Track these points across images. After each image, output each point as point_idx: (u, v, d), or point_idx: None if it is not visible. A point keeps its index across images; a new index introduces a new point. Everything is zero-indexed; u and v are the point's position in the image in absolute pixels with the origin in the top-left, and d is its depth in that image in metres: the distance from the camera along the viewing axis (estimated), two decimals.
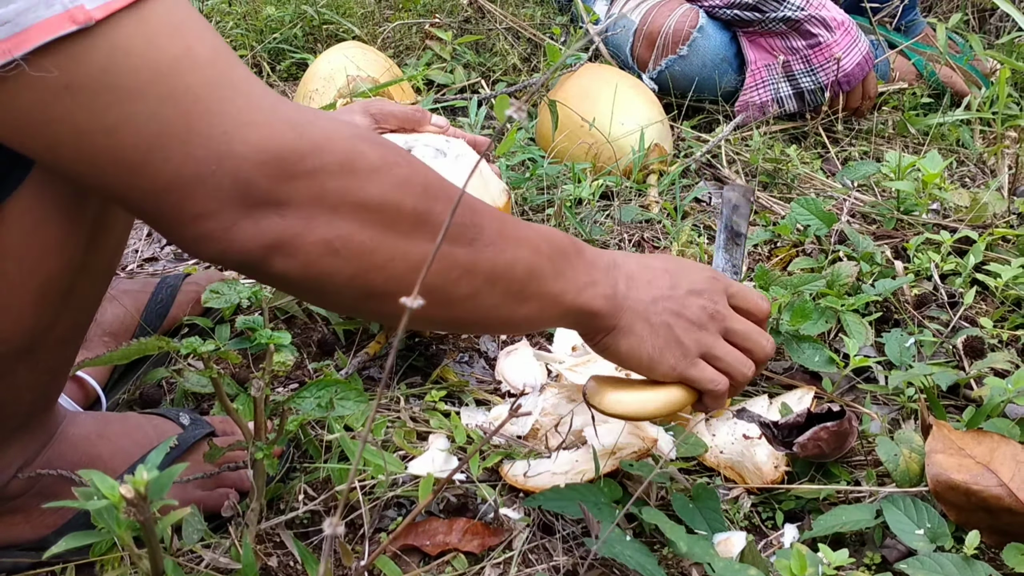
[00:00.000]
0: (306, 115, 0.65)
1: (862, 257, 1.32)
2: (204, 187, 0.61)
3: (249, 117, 0.62)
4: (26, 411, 0.88)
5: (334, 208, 0.65)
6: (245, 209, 0.63)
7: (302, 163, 0.64)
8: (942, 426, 0.94)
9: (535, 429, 1.06)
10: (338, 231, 0.66)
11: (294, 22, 2.10)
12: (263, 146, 0.62)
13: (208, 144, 0.61)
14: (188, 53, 0.60)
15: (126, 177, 0.61)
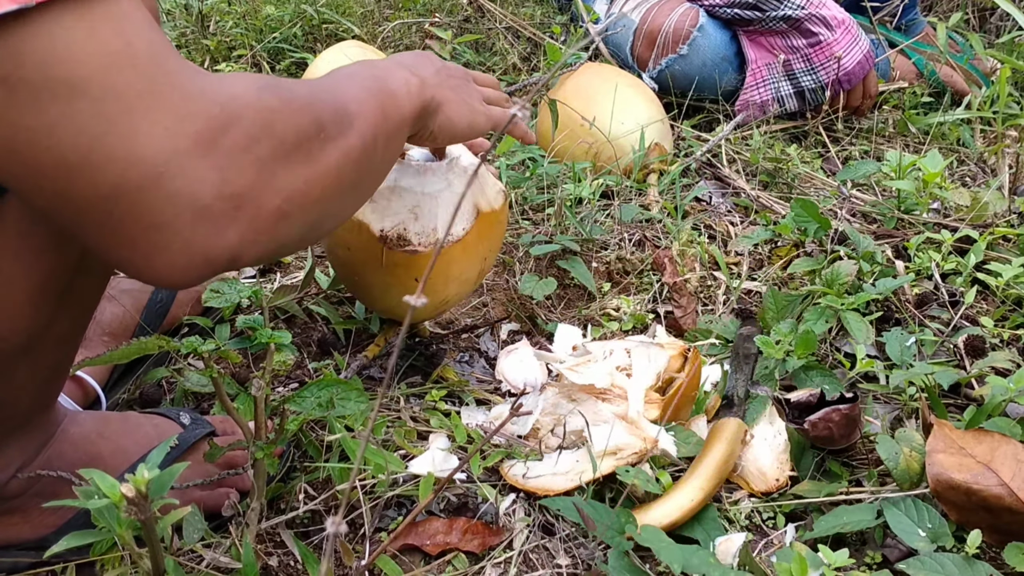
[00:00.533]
0: (227, 89, 0.64)
1: (862, 256, 1.32)
2: (155, 191, 0.59)
3: (187, 108, 0.60)
4: (25, 410, 0.87)
5: (271, 169, 0.65)
6: (199, 213, 0.61)
7: (239, 145, 0.62)
8: (943, 425, 0.94)
9: (535, 429, 1.05)
10: (284, 194, 0.66)
11: (293, 21, 2.10)
12: (204, 136, 0.60)
13: (152, 142, 0.58)
14: (128, 47, 0.58)
15: (64, 183, 0.58)
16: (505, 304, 1.33)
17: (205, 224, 0.61)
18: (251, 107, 0.64)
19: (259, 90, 0.66)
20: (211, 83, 0.63)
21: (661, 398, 1.06)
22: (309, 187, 0.69)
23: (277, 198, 0.65)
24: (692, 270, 1.41)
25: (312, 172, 0.69)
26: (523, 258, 1.41)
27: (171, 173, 0.59)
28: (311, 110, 0.70)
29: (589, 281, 1.35)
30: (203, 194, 0.60)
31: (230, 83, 0.65)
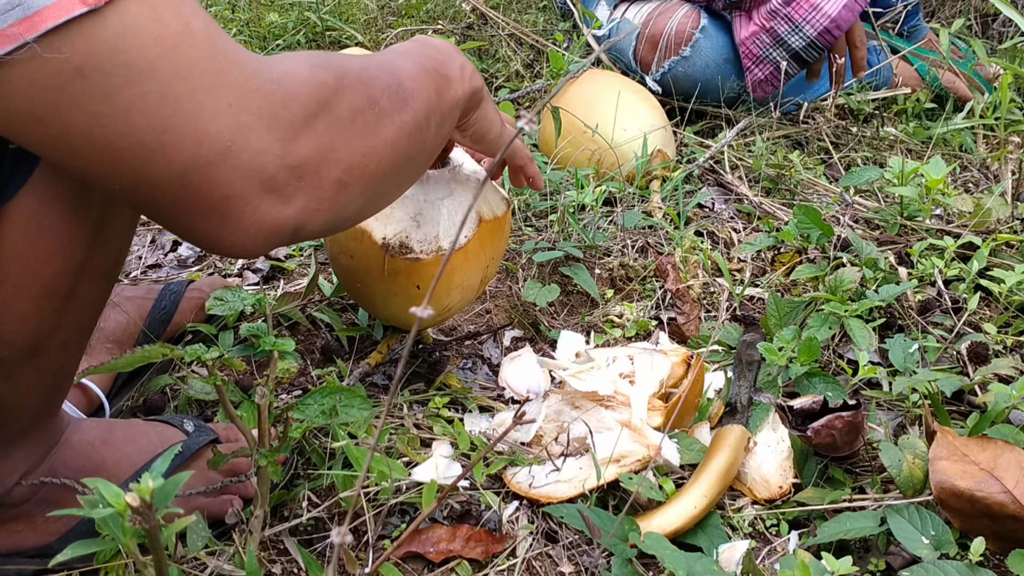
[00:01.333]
0: (280, 67, 0.66)
1: (865, 263, 1.32)
2: (224, 165, 0.61)
3: (247, 85, 0.62)
4: (30, 416, 0.88)
5: (332, 146, 0.68)
6: (265, 184, 0.63)
7: (298, 117, 0.65)
8: (946, 432, 0.94)
9: (538, 436, 1.06)
10: (342, 165, 0.69)
11: (297, 29, 2.11)
12: (266, 111, 0.63)
13: (219, 119, 0.61)
14: (187, 28, 0.60)
15: (142, 164, 0.61)
16: (508, 311, 1.34)
17: (271, 194, 0.64)
18: (306, 84, 0.66)
19: (312, 68, 0.68)
20: (266, 61, 0.65)
21: (664, 405, 1.06)
22: (367, 159, 0.71)
23: (337, 169, 0.68)
24: (695, 276, 1.41)
25: (369, 145, 0.72)
26: (526, 265, 1.41)
27: (237, 147, 0.61)
28: (364, 86, 0.72)
29: (592, 288, 1.36)
30: (268, 165, 0.63)
31: (283, 61, 0.67)
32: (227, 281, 1.34)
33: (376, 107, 0.73)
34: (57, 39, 0.56)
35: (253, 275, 1.41)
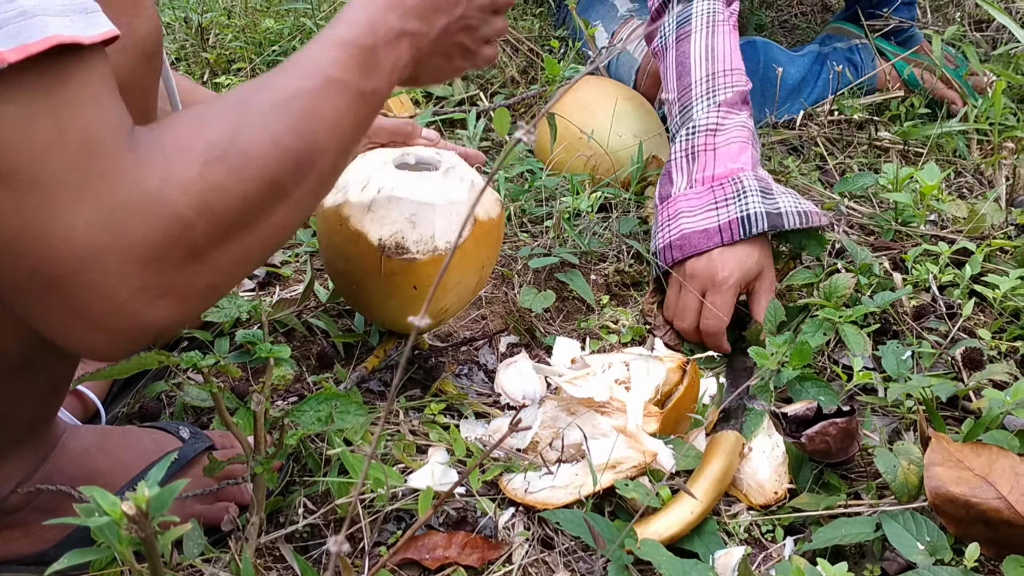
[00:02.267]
0: (163, 168, 0.61)
1: (860, 269, 1.32)
2: (74, 283, 0.59)
3: (113, 200, 0.59)
4: (25, 424, 0.88)
5: (205, 254, 0.64)
6: (121, 303, 0.61)
7: (170, 237, 0.61)
8: (941, 438, 0.94)
9: (534, 442, 1.06)
10: (216, 268, 0.66)
11: (293, 35, 2.11)
12: (130, 231, 0.59)
13: (72, 237, 0.58)
14: (61, 136, 0.57)
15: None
16: (504, 317, 1.34)
17: (127, 312, 0.61)
18: (189, 190, 0.62)
19: (203, 166, 0.63)
20: (146, 159, 0.61)
21: (660, 411, 1.06)
22: (248, 253, 0.68)
23: (207, 277, 0.65)
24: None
25: (254, 239, 0.68)
26: (522, 271, 1.41)
27: (90, 268, 0.59)
28: (268, 172, 0.67)
29: (588, 294, 1.36)
30: (123, 288, 0.60)
31: (171, 154, 0.62)
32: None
33: (275, 191, 0.68)
34: None
35: (249, 281, 1.40)
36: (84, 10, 0.58)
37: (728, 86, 1.39)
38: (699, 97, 1.39)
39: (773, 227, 1.27)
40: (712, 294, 1.27)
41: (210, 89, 1.96)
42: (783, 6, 2.51)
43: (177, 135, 0.64)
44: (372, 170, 1.09)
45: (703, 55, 1.42)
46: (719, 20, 1.44)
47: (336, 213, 1.06)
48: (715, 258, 1.28)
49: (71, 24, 0.57)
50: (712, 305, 1.27)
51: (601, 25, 1.99)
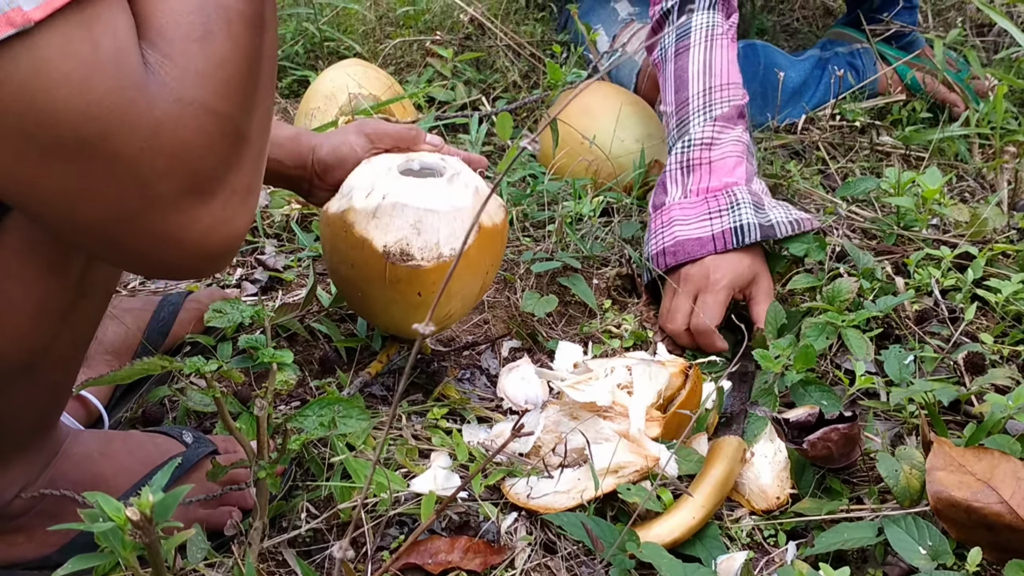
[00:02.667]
0: (179, 65, 0.62)
1: (862, 273, 1.32)
2: (150, 215, 0.61)
3: (153, 116, 0.60)
4: (28, 429, 0.88)
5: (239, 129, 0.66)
6: (193, 196, 0.63)
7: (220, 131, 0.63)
8: (943, 443, 0.94)
9: (537, 446, 1.06)
10: (257, 137, 0.67)
11: (295, 39, 2.11)
12: (178, 148, 0.61)
13: (135, 168, 0.60)
14: (96, 52, 0.58)
15: (68, 210, 0.61)
16: (506, 321, 1.34)
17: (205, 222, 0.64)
18: (207, 81, 0.63)
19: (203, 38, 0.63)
20: (164, 66, 0.62)
21: (662, 416, 1.06)
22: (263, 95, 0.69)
23: (252, 151, 0.67)
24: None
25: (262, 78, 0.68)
26: (524, 275, 1.41)
27: (156, 196, 0.61)
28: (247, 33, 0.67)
29: (590, 298, 1.36)
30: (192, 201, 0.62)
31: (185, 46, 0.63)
32: (226, 292, 1.35)
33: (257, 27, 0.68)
34: None
35: (251, 286, 1.41)
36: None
37: (724, 100, 1.40)
38: (696, 111, 1.41)
39: (766, 237, 1.30)
40: (704, 294, 1.30)
41: None
42: (785, 10, 2.51)
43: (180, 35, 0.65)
44: (377, 176, 1.09)
45: (701, 69, 1.43)
46: (718, 34, 1.45)
47: (341, 219, 1.06)
48: (708, 263, 1.31)
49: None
50: (704, 304, 1.28)
51: (602, 29, 1.99)
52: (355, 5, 2.17)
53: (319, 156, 1.17)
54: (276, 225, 1.54)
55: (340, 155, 1.16)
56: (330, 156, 1.16)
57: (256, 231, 1.49)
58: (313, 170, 1.17)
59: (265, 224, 1.51)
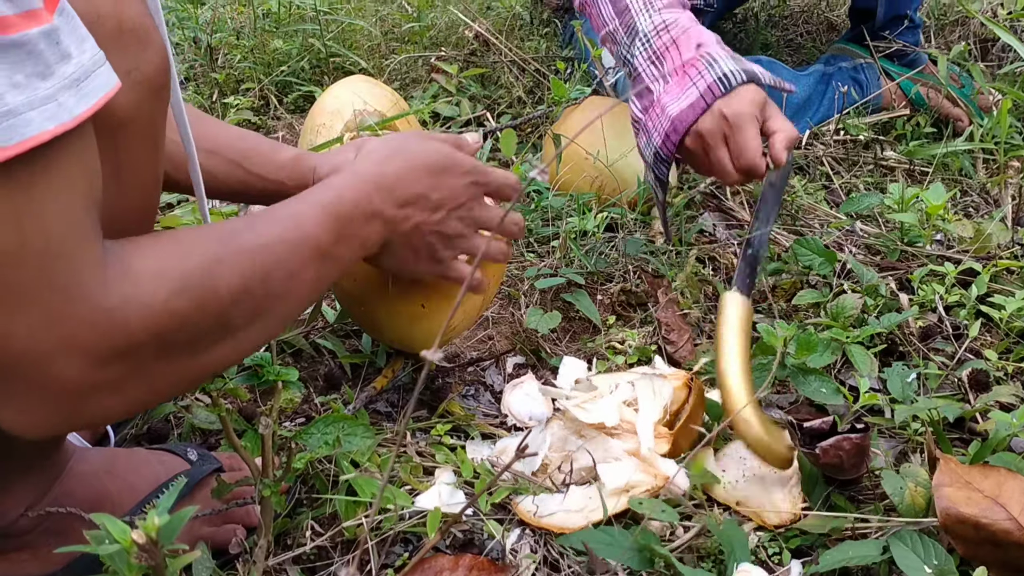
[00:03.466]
0: (128, 290, 0.64)
1: (866, 290, 1.33)
2: (3, 375, 0.61)
3: (62, 312, 0.61)
4: (36, 447, 0.88)
5: (145, 369, 0.67)
6: (47, 397, 0.63)
7: (115, 350, 0.64)
8: (949, 460, 0.94)
9: (544, 464, 1.06)
10: (151, 385, 0.68)
11: (301, 55, 2.12)
12: (77, 339, 0.62)
13: (9, 340, 0.60)
14: (21, 248, 0.58)
15: None
16: (510, 337, 1.34)
17: (58, 405, 0.64)
18: (147, 313, 0.65)
19: (171, 294, 0.66)
20: (111, 280, 0.63)
21: (670, 432, 1.06)
22: (182, 377, 0.71)
23: (140, 388, 0.68)
24: (696, 301, 1.41)
25: (193, 365, 0.71)
26: (528, 291, 1.41)
27: (27, 367, 0.61)
28: (227, 310, 0.71)
29: (594, 314, 1.36)
30: (57, 384, 0.62)
31: (139, 279, 0.65)
32: None
33: (225, 330, 0.72)
34: None
35: None
36: (76, 82, 0.59)
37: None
38: (638, 12, 1.39)
39: (751, 79, 1.30)
40: (733, 136, 1.29)
41: (218, 108, 1.98)
42: (788, 25, 2.52)
43: (155, 258, 0.67)
44: None
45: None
46: None
47: None
48: (715, 109, 1.29)
49: (56, 110, 0.57)
50: (739, 145, 1.28)
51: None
52: (361, 21, 2.18)
53: (320, 175, 1.17)
54: None
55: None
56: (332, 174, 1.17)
57: None
58: None
59: None
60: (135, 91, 0.69)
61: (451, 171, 0.97)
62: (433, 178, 0.95)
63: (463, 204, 0.98)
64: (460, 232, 0.99)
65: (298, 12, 2.25)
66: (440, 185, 0.96)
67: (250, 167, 1.13)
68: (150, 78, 0.73)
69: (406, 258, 0.97)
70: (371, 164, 0.93)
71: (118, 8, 0.69)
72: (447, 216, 0.97)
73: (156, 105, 0.76)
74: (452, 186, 0.97)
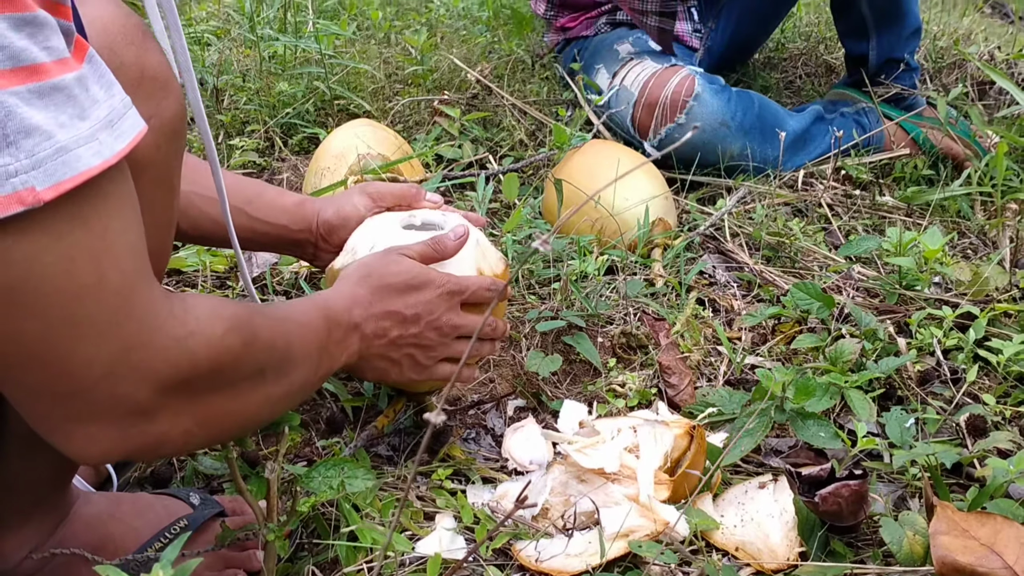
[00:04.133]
0: (191, 324, 0.69)
1: (865, 334, 1.34)
2: (78, 400, 0.64)
3: (139, 341, 0.65)
4: (42, 489, 0.89)
5: (199, 402, 0.72)
6: (114, 420, 0.66)
7: (181, 378, 0.69)
8: (946, 507, 0.95)
9: (545, 509, 1.06)
10: (198, 418, 0.73)
11: (306, 97, 2.15)
12: (148, 366, 0.66)
13: (90, 367, 0.63)
14: (100, 281, 0.62)
15: (3, 374, 0.63)
16: (511, 380, 1.35)
17: (122, 428, 0.67)
18: (209, 347, 0.71)
19: (225, 331, 0.72)
20: (178, 316, 0.68)
21: (670, 479, 1.07)
22: (225, 418, 0.76)
23: (191, 421, 0.72)
24: (696, 344, 1.42)
25: (234, 407, 0.77)
26: (530, 334, 1.42)
27: (103, 388, 0.64)
28: (263, 356, 0.78)
29: (595, 357, 1.37)
30: (125, 406, 0.66)
31: (200, 317, 0.70)
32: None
33: (260, 376, 0.78)
34: None
35: None
36: (110, 123, 0.62)
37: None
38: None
39: None
40: None
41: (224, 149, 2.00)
42: (788, 67, 2.55)
43: (205, 300, 0.74)
44: (379, 232, 1.12)
45: None
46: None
47: None
48: None
49: (99, 148, 0.60)
50: None
51: (604, 67, 2.04)
52: (365, 65, 2.21)
53: (324, 218, 1.19)
54: (285, 283, 1.56)
55: (344, 215, 1.19)
56: (335, 217, 1.19)
57: (266, 288, 1.51)
58: (319, 233, 1.19)
59: (274, 281, 1.53)
60: (155, 135, 0.72)
61: (423, 287, 1.03)
62: (405, 295, 1.01)
63: (439, 316, 1.04)
64: (438, 341, 1.05)
65: (303, 55, 2.28)
66: (414, 301, 1.02)
67: (254, 212, 1.16)
68: (169, 124, 0.76)
69: (387, 370, 1.03)
70: (348, 286, 0.99)
71: (140, 58, 0.73)
72: (424, 328, 1.03)
73: (173, 150, 0.79)
74: (426, 300, 1.03)
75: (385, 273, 1.01)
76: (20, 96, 0.55)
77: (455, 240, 1.09)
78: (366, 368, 1.01)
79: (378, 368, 1.02)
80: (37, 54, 0.56)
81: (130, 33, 0.73)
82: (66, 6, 0.59)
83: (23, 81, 0.55)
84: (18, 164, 0.55)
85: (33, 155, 0.56)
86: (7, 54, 0.55)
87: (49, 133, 0.57)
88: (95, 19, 0.70)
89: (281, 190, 1.21)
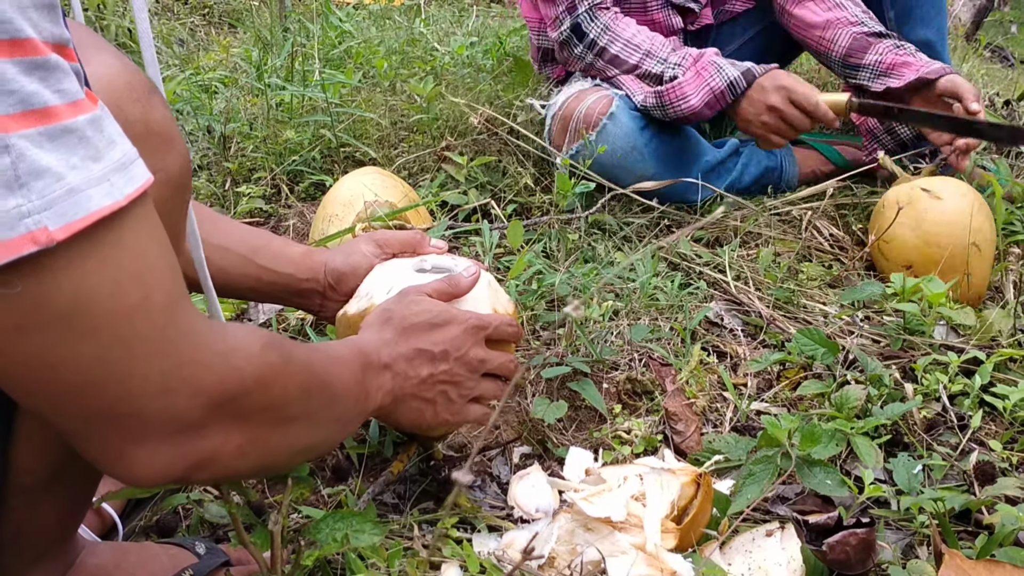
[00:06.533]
0: (231, 341, 0.71)
1: (870, 379, 1.34)
2: (134, 420, 0.65)
3: (188, 356, 0.66)
4: (48, 540, 0.89)
5: (247, 419, 0.73)
6: (168, 436, 0.67)
7: (229, 392, 0.70)
8: (954, 555, 0.94)
9: (551, 557, 1.06)
10: (248, 436, 0.73)
11: (313, 145, 2.17)
12: (199, 381, 0.67)
13: (145, 384, 0.64)
14: (146, 301, 0.63)
15: (59, 404, 0.64)
16: (516, 427, 1.35)
17: (169, 443, 0.68)
18: (252, 362, 0.72)
19: (263, 347, 0.73)
20: (218, 334, 0.70)
21: (677, 528, 1.06)
22: (269, 439, 0.76)
23: (242, 438, 0.73)
24: (702, 389, 1.42)
25: (282, 432, 0.77)
26: (535, 380, 1.43)
27: (157, 406, 0.65)
28: (304, 378, 0.79)
29: (600, 403, 1.37)
30: (181, 425, 0.67)
31: (237, 335, 0.72)
32: None
33: (305, 404, 0.79)
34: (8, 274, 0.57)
35: None
36: (123, 166, 0.63)
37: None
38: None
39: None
40: (786, 95, 1.87)
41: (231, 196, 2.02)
42: None
43: (240, 326, 0.75)
44: (394, 277, 1.13)
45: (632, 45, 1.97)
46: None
47: (362, 318, 1.09)
48: (751, 94, 1.89)
49: (110, 189, 0.61)
50: (792, 98, 1.85)
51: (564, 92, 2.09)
52: (371, 114, 2.24)
53: (333, 266, 1.20)
54: (291, 329, 1.56)
55: (353, 263, 1.20)
56: (344, 265, 1.20)
57: None
58: (327, 282, 1.20)
59: (280, 328, 1.54)
60: (160, 189, 0.73)
61: (447, 324, 1.03)
62: (431, 333, 1.02)
63: (466, 351, 1.04)
64: (468, 377, 1.05)
65: (310, 103, 2.31)
66: (440, 339, 1.02)
67: (261, 261, 1.17)
68: (174, 178, 0.77)
69: (422, 410, 1.02)
70: (373, 331, 1.00)
71: (146, 114, 0.74)
72: (454, 364, 1.03)
73: (178, 203, 0.80)
74: (452, 336, 1.03)
75: (408, 314, 1.02)
76: (31, 139, 0.56)
77: (469, 277, 1.11)
78: (402, 410, 1.00)
79: (413, 408, 1.01)
80: (48, 97, 0.57)
81: (135, 90, 0.74)
82: (70, 48, 0.61)
83: (33, 124, 0.56)
84: (30, 205, 0.56)
85: (44, 196, 0.57)
86: (18, 98, 0.56)
87: (60, 175, 0.58)
88: (100, 76, 0.71)
89: (287, 240, 1.22)
